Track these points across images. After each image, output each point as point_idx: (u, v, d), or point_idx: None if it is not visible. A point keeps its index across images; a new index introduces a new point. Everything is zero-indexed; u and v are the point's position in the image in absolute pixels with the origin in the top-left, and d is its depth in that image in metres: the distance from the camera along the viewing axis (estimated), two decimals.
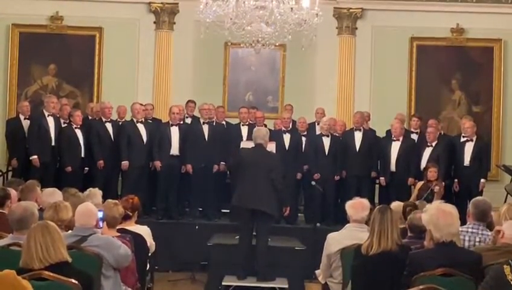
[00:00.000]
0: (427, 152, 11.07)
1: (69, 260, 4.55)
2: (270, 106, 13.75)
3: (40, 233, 4.50)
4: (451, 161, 11.14)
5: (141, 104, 11.47)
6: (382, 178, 11.22)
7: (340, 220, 9.21)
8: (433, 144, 11.09)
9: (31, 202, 5.99)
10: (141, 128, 11.18)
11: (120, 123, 11.48)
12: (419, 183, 10.56)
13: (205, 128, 11.26)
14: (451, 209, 5.03)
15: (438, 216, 4.97)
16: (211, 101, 11.97)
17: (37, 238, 4.49)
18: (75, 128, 10.99)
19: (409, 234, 6.10)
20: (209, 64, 13.59)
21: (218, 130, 11.42)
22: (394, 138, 11.22)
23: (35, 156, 10.68)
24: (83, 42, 13.50)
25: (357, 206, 6.50)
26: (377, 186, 11.53)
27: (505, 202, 10.45)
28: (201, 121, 11.36)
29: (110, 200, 6.50)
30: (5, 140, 11.79)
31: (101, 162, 11.00)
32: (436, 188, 10.21)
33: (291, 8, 9.30)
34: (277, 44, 10.33)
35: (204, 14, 9.55)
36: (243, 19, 9.55)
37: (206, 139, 11.21)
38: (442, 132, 11.97)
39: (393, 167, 11.14)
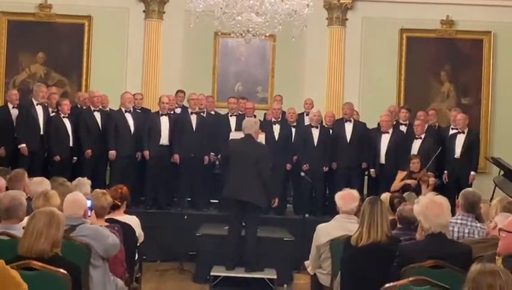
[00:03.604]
0: (416, 144, 11.09)
1: (52, 254, 4.51)
2: (260, 97, 13.72)
3: (41, 222, 4.48)
4: (441, 152, 11.17)
5: (131, 94, 11.43)
6: (372, 170, 11.24)
7: (329, 211, 9.26)
8: (422, 136, 11.12)
9: (19, 191, 5.96)
10: (129, 117, 11.14)
11: (108, 112, 11.43)
12: (402, 173, 10.57)
13: (193, 118, 11.22)
14: (442, 200, 5.03)
15: (427, 207, 4.98)
16: (200, 91, 11.96)
17: (30, 226, 4.47)
18: (63, 117, 10.94)
19: (398, 225, 6.12)
20: (198, 54, 13.55)
21: (206, 121, 11.38)
22: (383, 130, 11.23)
23: (24, 145, 10.62)
24: (72, 31, 13.42)
25: (346, 198, 6.51)
26: (365, 177, 11.55)
27: (493, 194, 10.51)
28: (190, 111, 11.33)
29: (98, 189, 6.48)
30: None
31: (89, 151, 10.96)
32: (432, 180, 10.25)
33: None
34: (267, 34, 10.28)
35: (194, 4, 9.53)
36: (233, 8, 9.52)
37: (194, 129, 11.17)
38: (437, 124, 12.00)
39: (382, 159, 11.16)
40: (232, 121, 11.42)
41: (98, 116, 11.19)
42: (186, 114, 11.35)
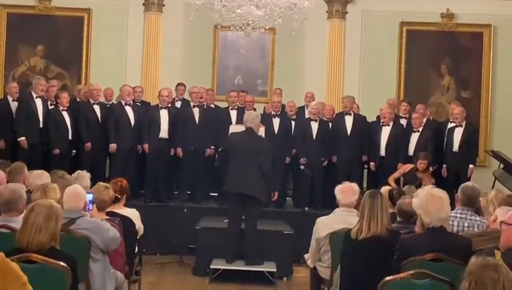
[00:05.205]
0: (414, 137, 11.09)
1: (53, 245, 4.50)
2: (260, 90, 13.72)
3: (40, 215, 4.46)
4: (439, 146, 11.18)
5: (131, 87, 11.41)
6: (372, 163, 11.22)
7: (329, 204, 9.25)
8: (420, 129, 11.12)
9: (19, 184, 5.96)
10: (129, 110, 11.13)
11: (108, 105, 11.44)
12: (407, 166, 10.58)
13: (195, 111, 11.21)
14: (441, 194, 5.02)
15: (427, 201, 4.96)
16: (200, 84, 11.93)
17: (29, 219, 4.46)
18: (62, 110, 10.92)
19: (398, 219, 6.12)
20: (198, 47, 13.54)
21: (208, 113, 11.36)
22: (384, 123, 11.21)
23: (23, 138, 10.62)
24: (71, 23, 13.41)
25: (346, 191, 6.51)
26: (365, 170, 11.54)
27: (493, 187, 10.50)
28: (192, 104, 11.31)
29: (100, 183, 6.47)
30: None
31: (89, 144, 10.95)
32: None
33: None
34: (267, 27, 10.27)
35: None
36: (233, 1, 9.52)
37: (197, 122, 11.16)
38: (431, 118, 11.99)
39: (382, 152, 11.14)
40: (233, 114, 11.39)
41: (97, 109, 11.18)
42: (188, 107, 11.33)
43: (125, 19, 13.50)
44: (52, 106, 11.06)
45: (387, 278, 4.44)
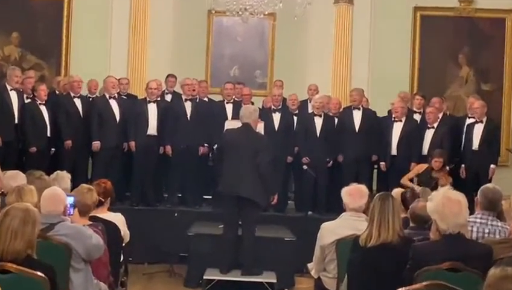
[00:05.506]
0: (428, 134, 11.10)
1: (29, 254, 4.50)
2: (258, 82, 13.76)
3: (16, 219, 4.47)
4: (456, 143, 11.18)
5: (116, 79, 11.41)
6: (382, 163, 11.22)
7: (334, 208, 9.24)
8: (435, 125, 11.12)
9: None
10: (114, 104, 11.12)
11: (90, 99, 11.44)
12: (421, 166, 10.59)
13: (187, 105, 11.22)
14: (459, 197, 5.01)
15: (443, 205, 4.95)
16: (192, 75, 11.94)
17: (4, 225, 4.45)
18: (40, 104, 10.91)
19: (411, 224, 6.13)
20: (190, 35, 13.55)
21: (201, 108, 11.36)
22: (396, 119, 11.21)
23: None
24: (50, 8, 13.41)
25: (354, 194, 6.50)
26: (375, 171, 11.54)
27: None
28: (183, 97, 11.31)
29: (84, 185, 6.46)
30: None
31: (69, 142, 10.95)
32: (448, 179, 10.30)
33: None
34: (266, 12, 10.29)
35: None
36: None
37: (189, 117, 11.16)
38: (448, 112, 11.99)
39: (394, 151, 11.14)
40: (229, 108, 11.41)
41: (78, 103, 11.17)
42: (179, 101, 11.33)
43: (110, 2, 13.48)
44: (29, 100, 11.04)
45: (400, 289, 4.44)
